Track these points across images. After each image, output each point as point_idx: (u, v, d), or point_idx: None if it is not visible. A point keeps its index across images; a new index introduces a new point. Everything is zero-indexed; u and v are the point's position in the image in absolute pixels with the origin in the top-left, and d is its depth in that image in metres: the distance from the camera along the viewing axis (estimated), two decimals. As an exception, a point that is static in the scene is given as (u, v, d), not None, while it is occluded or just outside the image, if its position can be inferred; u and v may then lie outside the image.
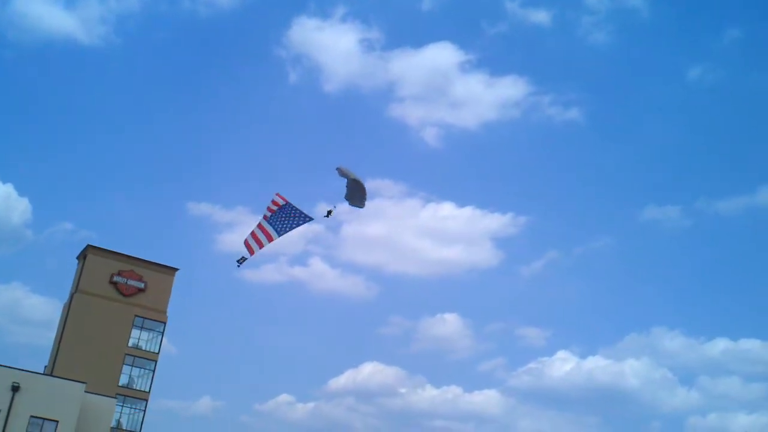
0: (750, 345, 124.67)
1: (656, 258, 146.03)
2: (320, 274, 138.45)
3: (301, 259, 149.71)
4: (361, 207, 26.44)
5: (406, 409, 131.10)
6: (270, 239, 26.08)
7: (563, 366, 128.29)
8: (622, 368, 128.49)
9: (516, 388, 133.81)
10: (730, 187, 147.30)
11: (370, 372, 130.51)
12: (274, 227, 26.36)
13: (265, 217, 26.80)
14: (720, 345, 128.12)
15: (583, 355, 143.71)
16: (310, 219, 26.64)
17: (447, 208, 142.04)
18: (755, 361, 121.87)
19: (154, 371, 71.59)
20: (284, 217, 26.56)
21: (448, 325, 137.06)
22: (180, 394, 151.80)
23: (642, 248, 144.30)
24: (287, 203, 26.85)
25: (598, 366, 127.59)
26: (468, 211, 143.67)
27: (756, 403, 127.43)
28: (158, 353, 72.33)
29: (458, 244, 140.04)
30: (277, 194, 27.55)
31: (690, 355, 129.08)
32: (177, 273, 75.74)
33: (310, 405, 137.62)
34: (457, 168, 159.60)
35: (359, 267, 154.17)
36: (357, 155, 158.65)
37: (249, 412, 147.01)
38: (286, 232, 26.30)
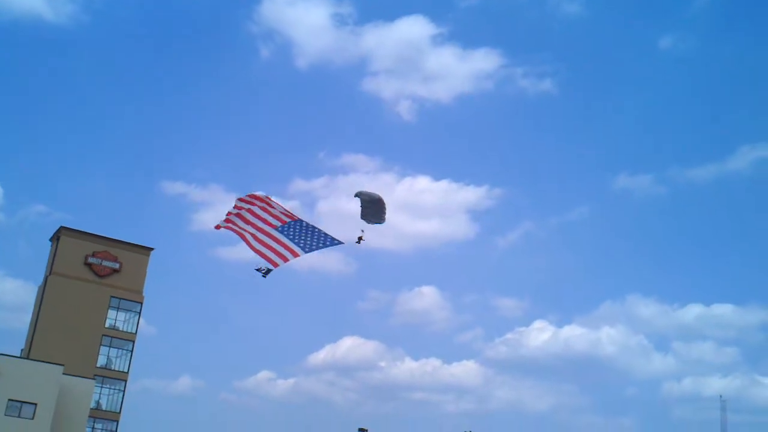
0: (723, 310, 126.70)
1: (629, 226, 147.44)
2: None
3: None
4: (382, 222, 26.62)
5: (386, 382, 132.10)
6: (295, 255, 25.83)
7: (540, 335, 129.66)
8: (598, 336, 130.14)
9: (494, 358, 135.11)
10: (702, 154, 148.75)
11: (350, 346, 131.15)
12: (296, 243, 26.00)
13: (272, 226, 26.32)
14: (694, 311, 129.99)
15: (559, 324, 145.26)
16: (341, 243, 26.64)
17: (422, 182, 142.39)
18: (728, 325, 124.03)
19: (132, 351, 71.52)
20: (308, 234, 26.32)
21: (426, 298, 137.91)
22: (159, 373, 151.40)
23: (615, 217, 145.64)
24: (299, 219, 26.50)
25: (574, 334, 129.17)
26: (443, 184, 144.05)
27: (730, 366, 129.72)
28: (135, 333, 72.25)
29: (434, 217, 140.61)
30: (249, 195, 27.04)
31: (664, 321, 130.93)
32: (152, 253, 75.47)
33: (291, 381, 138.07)
34: (432, 141, 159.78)
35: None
36: (331, 130, 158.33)
37: (229, 389, 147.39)
38: (313, 251, 26.19)
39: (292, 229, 26.42)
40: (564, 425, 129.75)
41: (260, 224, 26.47)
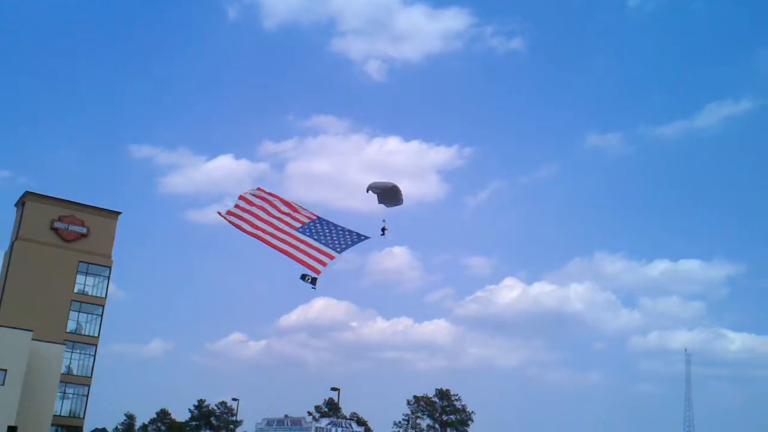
0: (689, 265, 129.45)
1: (598, 185, 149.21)
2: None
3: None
4: (400, 203, 26.42)
5: (358, 341, 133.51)
6: (330, 257, 24.88)
7: (510, 293, 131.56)
8: (567, 293, 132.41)
9: (465, 316, 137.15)
10: (670, 112, 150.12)
11: (321, 307, 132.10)
12: (325, 244, 24.97)
13: (292, 226, 25.05)
14: (660, 266, 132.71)
15: (528, 282, 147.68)
16: (368, 237, 25.88)
17: (393, 143, 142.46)
18: (694, 280, 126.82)
19: (101, 316, 71.23)
20: (332, 232, 25.30)
21: (397, 258, 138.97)
22: (131, 337, 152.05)
23: (585, 176, 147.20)
24: (317, 218, 25.38)
25: (543, 291, 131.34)
26: (414, 144, 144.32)
27: (695, 320, 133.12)
28: (105, 298, 71.89)
29: (405, 178, 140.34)
30: (259, 189, 25.83)
31: (632, 277, 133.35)
32: (120, 216, 74.77)
33: (263, 342, 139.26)
34: (402, 102, 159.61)
35: (306, 204, 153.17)
36: (299, 92, 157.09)
37: (201, 351, 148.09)
38: (345, 250, 25.25)
39: (313, 230, 25.45)
40: (534, 380, 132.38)
41: (279, 224, 25.29)
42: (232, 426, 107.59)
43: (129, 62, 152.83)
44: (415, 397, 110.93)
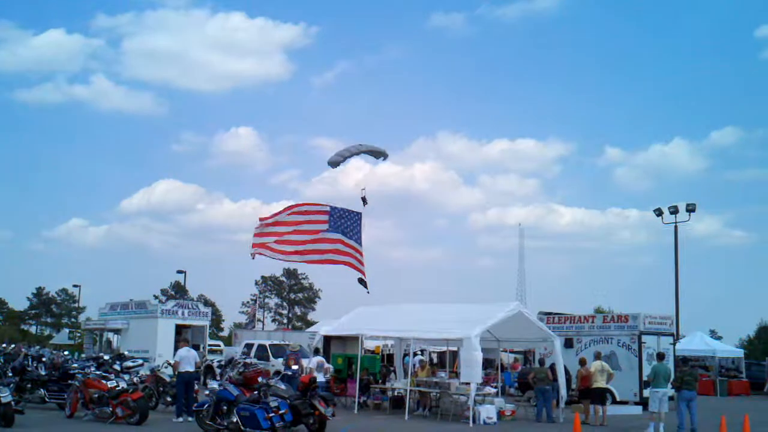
0: (525, 145, 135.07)
1: (442, 65, 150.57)
2: (104, 92, 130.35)
3: (81, 77, 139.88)
4: (386, 157, 23.97)
5: (205, 225, 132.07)
6: (360, 253, 22.86)
7: (357, 174, 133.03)
8: (412, 172, 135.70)
9: (312, 197, 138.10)
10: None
11: (165, 190, 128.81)
12: (350, 238, 22.81)
13: (315, 232, 23.04)
14: (499, 146, 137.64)
15: (375, 162, 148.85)
16: (360, 213, 23.37)
17: (237, 19, 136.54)
18: (530, 158, 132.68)
19: None
20: (345, 223, 22.97)
21: (243, 139, 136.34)
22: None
23: (429, 56, 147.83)
24: (332, 207, 23.32)
25: (389, 172, 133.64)
26: (259, 21, 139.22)
27: (530, 197, 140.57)
28: (-75, 184, 67.31)
29: (249, 56, 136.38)
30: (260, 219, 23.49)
31: (473, 156, 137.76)
32: (-63, 97, 69.18)
33: (104, 228, 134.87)
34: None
35: (147, 83, 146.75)
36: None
37: (38, 239, 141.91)
38: (361, 235, 23.11)
39: (333, 225, 22.98)
40: (380, 257, 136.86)
41: (306, 230, 23.10)
42: (74, 312, 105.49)
43: None
44: (263, 277, 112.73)
